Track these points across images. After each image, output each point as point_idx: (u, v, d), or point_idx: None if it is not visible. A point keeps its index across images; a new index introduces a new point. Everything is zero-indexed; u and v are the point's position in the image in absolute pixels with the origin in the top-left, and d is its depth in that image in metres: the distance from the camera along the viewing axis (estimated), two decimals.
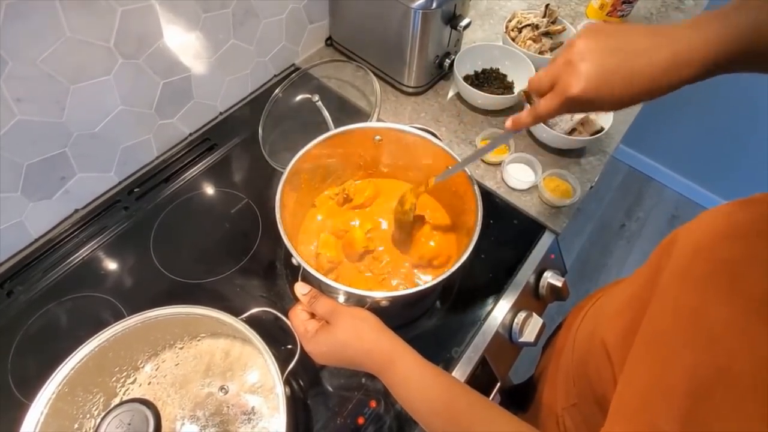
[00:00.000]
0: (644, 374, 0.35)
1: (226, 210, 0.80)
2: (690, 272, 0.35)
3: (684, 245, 0.37)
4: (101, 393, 0.53)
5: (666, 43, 0.41)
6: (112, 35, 0.65)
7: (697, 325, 0.32)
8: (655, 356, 0.34)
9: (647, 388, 0.33)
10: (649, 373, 0.34)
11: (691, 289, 0.34)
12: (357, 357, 0.49)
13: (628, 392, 0.36)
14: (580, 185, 0.82)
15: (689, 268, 0.35)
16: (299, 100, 0.88)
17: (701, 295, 0.33)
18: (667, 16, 1.18)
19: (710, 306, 0.31)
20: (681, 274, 0.35)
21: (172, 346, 0.57)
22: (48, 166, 0.69)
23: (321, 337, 0.51)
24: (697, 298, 0.33)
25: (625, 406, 0.35)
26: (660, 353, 0.34)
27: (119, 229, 0.77)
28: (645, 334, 0.36)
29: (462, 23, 0.88)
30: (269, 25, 0.88)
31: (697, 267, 0.34)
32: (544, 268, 0.78)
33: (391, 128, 0.70)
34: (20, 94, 0.60)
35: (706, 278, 0.33)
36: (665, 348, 0.33)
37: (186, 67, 0.79)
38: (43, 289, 0.71)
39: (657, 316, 0.36)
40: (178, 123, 0.85)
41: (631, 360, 0.37)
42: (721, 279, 0.32)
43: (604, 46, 0.43)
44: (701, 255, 0.34)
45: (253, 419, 0.54)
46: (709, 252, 0.34)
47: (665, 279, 0.37)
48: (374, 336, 0.50)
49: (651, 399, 0.33)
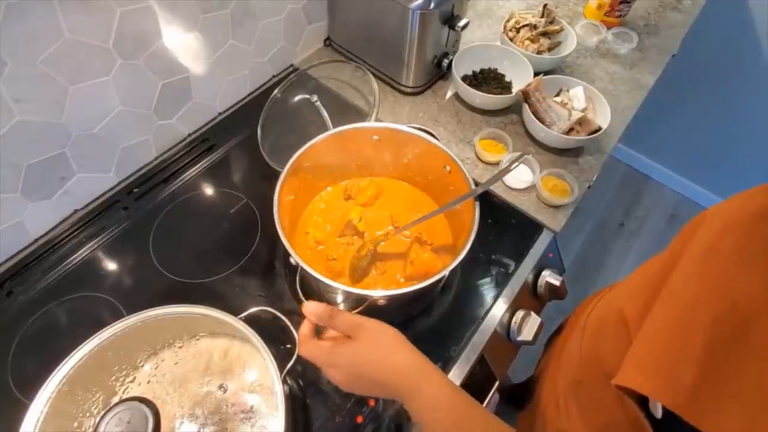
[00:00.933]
0: (662, 330, 0.36)
1: (225, 210, 0.81)
2: (718, 246, 0.36)
3: (712, 222, 0.38)
4: (101, 392, 0.53)
5: None
6: (111, 36, 0.66)
7: (720, 291, 0.33)
8: (674, 315, 0.35)
9: (665, 343, 0.35)
10: (667, 330, 0.35)
11: (719, 260, 0.35)
12: (382, 375, 0.43)
13: (644, 347, 0.37)
14: (578, 184, 0.82)
15: (717, 242, 0.36)
16: (298, 101, 0.88)
17: (728, 266, 0.34)
18: (664, 17, 1.18)
19: (738, 278, 0.33)
20: (708, 247, 0.37)
21: (172, 345, 0.58)
22: (47, 167, 0.69)
23: (340, 348, 0.45)
24: (723, 269, 0.34)
25: (640, 360, 0.36)
26: (679, 312, 0.35)
27: (119, 230, 0.78)
28: (665, 297, 0.38)
29: (460, 23, 0.88)
30: (268, 25, 0.88)
31: (727, 241, 0.35)
32: (543, 267, 0.78)
33: (389, 128, 0.70)
34: (19, 94, 0.60)
35: (735, 253, 0.34)
36: (685, 308, 0.35)
37: (185, 68, 0.79)
38: (42, 289, 0.71)
39: (679, 281, 0.37)
40: (177, 123, 0.85)
41: (649, 320, 0.38)
42: (747, 252, 0.33)
43: None
44: (731, 231, 0.36)
45: (252, 418, 0.54)
46: (740, 229, 0.35)
47: (690, 251, 0.38)
48: (402, 354, 0.44)
49: (668, 352, 0.34)
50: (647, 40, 1.12)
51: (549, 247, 0.79)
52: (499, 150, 0.88)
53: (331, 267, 0.69)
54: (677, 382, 0.32)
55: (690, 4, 1.22)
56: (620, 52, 1.08)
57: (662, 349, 0.35)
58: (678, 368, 0.33)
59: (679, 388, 0.32)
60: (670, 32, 1.15)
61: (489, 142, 0.89)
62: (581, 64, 1.06)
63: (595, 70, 1.05)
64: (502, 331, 0.72)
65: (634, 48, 1.08)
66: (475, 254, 0.57)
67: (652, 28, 1.15)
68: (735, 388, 0.31)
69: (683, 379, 0.32)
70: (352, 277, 0.68)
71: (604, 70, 1.05)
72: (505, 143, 0.88)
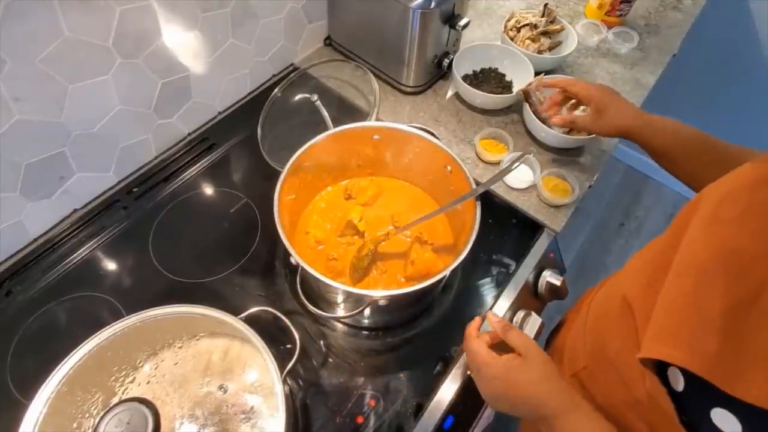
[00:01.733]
0: (679, 300, 0.37)
1: (225, 209, 0.80)
2: (719, 215, 0.37)
3: (710, 195, 0.40)
4: (100, 392, 0.53)
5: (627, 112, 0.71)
6: (110, 35, 0.65)
7: (727, 256, 0.34)
8: (688, 285, 0.36)
9: (684, 312, 0.36)
10: (684, 300, 0.36)
11: (723, 228, 0.36)
12: (536, 395, 0.47)
13: (664, 318, 0.38)
14: (578, 184, 0.82)
15: (718, 211, 0.37)
16: (298, 100, 0.88)
17: (732, 231, 0.35)
18: (665, 16, 1.18)
19: (742, 241, 0.34)
20: (710, 218, 0.38)
21: (171, 346, 0.57)
22: (47, 166, 0.69)
23: (516, 366, 0.49)
24: (728, 235, 0.35)
25: (662, 331, 0.37)
26: (693, 281, 0.36)
27: (118, 229, 0.77)
28: (676, 270, 0.39)
29: (461, 23, 0.88)
30: (268, 24, 0.88)
31: (726, 209, 0.37)
32: (543, 267, 0.78)
33: (389, 127, 0.70)
34: (19, 93, 0.60)
35: (735, 218, 0.36)
36: (698, 277, 0.36)
37: (185, 67, 0.79)
38: (41, 288, 0.71)
39: (688, 254, 0.38)
40: (177, 122, 0.85)
41: (665, 292, 0.39)
42: (750, 218, 0.35)
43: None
44: (729, 199, 0.37)
45: (252, 418, 0.54)
46: (738, 196, 0.37)
47: (694, 224, 0.39)
48: (560, 383, 0.48)
49: (688, 321, 0.35)
50: (648, 40, 1.12)
51: (550, 247, 0.79)
52: (500, 150, 0.88)
53: (331, 267, 0.68)
54: (703, 349, 0.33)
55: (690, 4, 1.21)
56: (621, 52, 1.08)
57: (683, 318, 0.36)
58: (701, 335, 0.33)
59: (705, 355, 0.33)
60: (671, 32, 1.14)
61: (489, 142, 0.89)
62: (582, 63, 1.06)
63: (596, 69, 1.05)
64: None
65: (634, 47, 1.08)
66: (475, 254, 0.57)
67: (653, 27, 1.15)
68: (756, 350, 0.31)
69: (708, 346, 0.33)
70: (353, 277, 0.68)
71: (604, 69, 1.05)
72: (506, 143, 0.88)
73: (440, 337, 0.70)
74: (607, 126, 0.71)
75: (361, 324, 0.71)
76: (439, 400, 0.64)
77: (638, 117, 0.68)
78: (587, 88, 0.73)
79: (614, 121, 0.70)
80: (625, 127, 0.69)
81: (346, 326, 0.71)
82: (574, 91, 0.75)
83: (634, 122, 0.68)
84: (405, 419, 0.63)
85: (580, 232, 1.89)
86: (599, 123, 0.71)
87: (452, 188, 0.69)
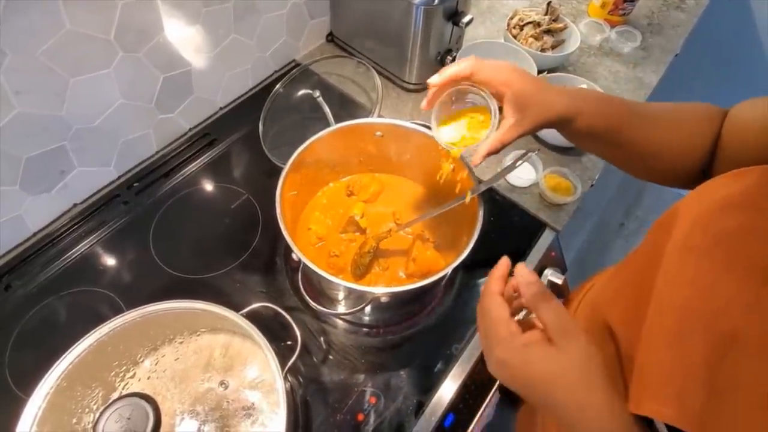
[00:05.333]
0: (662, 348, 0.35)
1: (226, 205, 0.80)
2: (688, 244, 0.36)
3: (683, 218, 0.38)
4: (100, 387, 0.53)
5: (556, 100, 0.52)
6: (112, 28, 0.65)
7: (701, 296, 0.33)
8: (670, 329, 0.35)
9: (668, 363, 0.34)
10: (667, 346, 0.34)
11: (693, 261, 0.35)
12: (565, 402, 0.36)
13: (648, 369, 0.36)
14: (580, 183, 0.82)
15: (687, 240, 0.36)
16: (300, 96, 0.88)
17: (702, 266, 0.34)
18: (668, 16, 1.18)
19: (712, 277, 0.33)
20: (680, 247, 0.36)
21: (172, 341, 0.57)
22: (47, 160, 0.69)
23: (538, 352, 0.37)
24: (699, 270, 0.34)
25: (649, 383, 0.35)
26: (674, 325, 0.34)
27: (118, 224, 0.77)
28: (656, 308, 0.36)
29: (464, 20, 0.87)
30: (270, 20, 0.88)
31: (695, 239, 0.35)
32: (545, 265, 0.77)
33: (392, 124, 0.70)
34: (20, 86, 0.60)
35: (704, 250, 0.34)
36: (678, 319, 0.34)
37: (186, 62, 0.79)
38: (41, 283, 0.70)
39: (665, 290, 0.36)
40: (178, 117, 0.84)
41: (646, 336, 0.37)
42: (719, 250, 0.33)
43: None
44: (698, 227, 0.35)
45: (252, 414, 0.53)
46: (706, 224, 0.35)
47: (668, 252, 0.37)
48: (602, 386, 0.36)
49: (674, 374, 0.33)
50: (651, 39, 1.11)
51: (552, 246, 0.79)
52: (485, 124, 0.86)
53: (333, 263, 0.68)
54: (691, 404, 0.32)
55: (693, 4, 1.21)
56: (623, 51, 1.08)
57: (668, 370, 0.34)
58: (688, 389, 0.32)
59: (693, 410, 0.32)
60: (674, 31, 1.14)
61: None
62: (584, 62, 1.06)
63: (599, 68, 1.05)
64: None
65: (637, 47, 1.08)
66: (477, 252, 0.57)
67: (656, 27, 1.15)
68: (736, 402, 0.30)
69: (695, 400, 0.32)
70: (354, 274, 0.68)
71: (607, 68, 1.05)
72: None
73: (441, 335, 0.69)
74: (534, 123, 0.52)
75: (362, 321, 0.70)
76: (439, 397, 0.64)
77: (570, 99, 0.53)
78: (496, 71, 0.52)
79: (542, 113, 0.52)
80: (555, 116, 0.52)
81: (347, 323, 0.70)
82: (483, 79, 0.53)
83: (568, 109, 0.52)
84: (405, 417, 0.62)
85: (580, 231, 1.89)
86: (523, 124, 0.52)
87: (455, 186, 0.68)
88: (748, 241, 0.33)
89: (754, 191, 0.34)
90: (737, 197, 0.35)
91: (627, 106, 0.54)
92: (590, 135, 0.54)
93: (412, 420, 0.62)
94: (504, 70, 0.52)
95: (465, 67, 0.53)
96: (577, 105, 0.52)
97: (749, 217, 0.33)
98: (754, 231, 0.33)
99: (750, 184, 0.35)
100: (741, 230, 0.33)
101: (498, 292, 0.43)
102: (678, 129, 0.54)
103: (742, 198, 0.34)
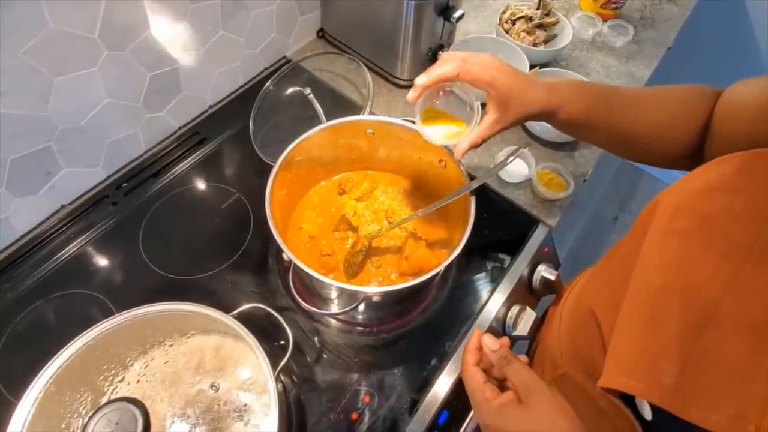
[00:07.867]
0: (637, 325, 0.36)
1: (217, 205, 0.79)
2: (672, 228, 0.37)
3: (665, 205, 0.39)
4: (89, 392, 0.52)
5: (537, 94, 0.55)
6: (96, 26, 0.64)
7: (682, 274, 0.34)
8: (645, 308, 0.36)
9: (641, 338, 0.35)
10: (642, 324, 0.35)
11: (675, 243, 0.36)
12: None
13: (622, 344, 0.37)
14: (573, 179, 0.82)
15: (670, 224, 0.37)
16: (290, 93, 0.87)
17: (684, 247, 0.35)
18: (660, 9, 1.17)
19: (694, 256, 0.34)
20: (663, 230, 0.37)
21: (162, 344, 0.56)
22: (33, 161, 0.67)
23: (510, 413, 0.42)
24: (681, 251, 0.35)
25: (621, 359, 0.36)
26: (650, 304, 0.35)
27: (107, 225, 0.76)
28: (633, 288, 0.38)
29: (455, 15, 0.86)
30: (259, 16, 0.87)
31: (678, 222, 0.36)
32: (538, 261, 0.77)
33: (383, 121, 0.69)
34: (2, 87, 0.59)
35: (687, 232, 0.35)
36: (655, 298, 0.35)
37: (174, 59, 0.77)
38: (29, 286, 0.70)
39: (643, 272, 0.38)
40: (166, 116, 0.83)
41: (622, 315, 0.38)
42: (701, 232, 0.34)
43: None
44: (681, 211, 0.37)
45: (244, 416, 0.53)
46: (688, 207, 0.36)
47: (649, 237, 0.39)
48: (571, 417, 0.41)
49: (645, 349, 0.34)
50: (643, 33, 1.11)
51: (545, 242, 0.79)
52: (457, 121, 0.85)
53: (325, 262, 0.68)
54: (661, 379, 0.32)
55: None
56: (616, 45, 1.07)
57: (640, 346, 0.35)
58: (659, 363, 0.33)
59: (663, 384, 0.32)
60: (666, 25, 1.14)
61: None
62: (577, 56, 1.05)
63: (591, 62, 1.04)
64: (498, 326, 0.72)
65: (629, 41, 1.08)
66: (470, 249, 0.57)
67: (648, 20, 1.14)
68: (712, 376, 0.31)
69: (666, 375, 0.32)
70: (347, 273, 0.67)
71: (599, 62, 1.04)
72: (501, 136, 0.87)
73: (435, 333, 0.69)
74: (515, 118, 0.56)
75: (355, 320, 0.70)
76: (433, 395, 0.64)
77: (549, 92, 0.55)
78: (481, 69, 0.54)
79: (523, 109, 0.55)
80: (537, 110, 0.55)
81: (340, 322, 0.70)
82: (468, 79, 0.55)
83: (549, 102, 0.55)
84: (400, 415, 0.62)
85: (574, 226, 1.90)
86: (505, 119, 0.55)
87: (447, 183, 0.68)
88: (728, 221, 0.34)
89: (734, 175, 0.35)
90: (718, 182, 0.36)
91: (610, 89, 0.56)
92: (574, 123, 0.57)
93: (406, 418, 0.62)
94: (489, 68, 0.54)
95: (451, 69, 0.55)
96: (559, 97, 0.55)
97: (730, 199, 0.34)
98: (735, 212, 0.33)
99: (730, 169, 0.35)
100: (722, 212, 0.34)
101: (473, 363, 0.47)
102: (664, 108, 0.55)
103: (723, 182, 0.35)
